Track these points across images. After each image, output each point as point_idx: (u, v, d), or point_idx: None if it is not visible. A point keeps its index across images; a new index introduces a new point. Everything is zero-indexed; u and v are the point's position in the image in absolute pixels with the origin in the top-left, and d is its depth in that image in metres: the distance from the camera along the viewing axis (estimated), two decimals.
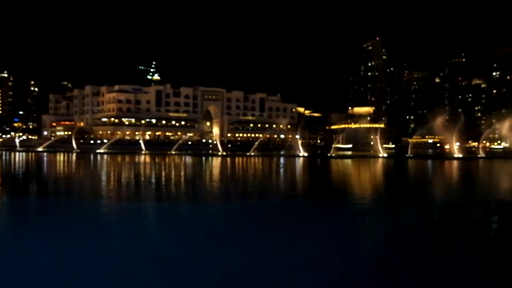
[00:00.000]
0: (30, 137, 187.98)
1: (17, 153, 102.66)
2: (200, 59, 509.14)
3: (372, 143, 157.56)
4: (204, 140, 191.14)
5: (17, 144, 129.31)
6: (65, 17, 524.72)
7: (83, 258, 13.81)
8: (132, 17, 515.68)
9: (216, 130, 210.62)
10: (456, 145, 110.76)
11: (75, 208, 24.72)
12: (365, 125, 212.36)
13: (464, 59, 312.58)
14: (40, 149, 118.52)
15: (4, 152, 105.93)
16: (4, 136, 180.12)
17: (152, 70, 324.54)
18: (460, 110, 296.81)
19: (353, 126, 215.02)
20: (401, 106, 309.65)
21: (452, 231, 19.31)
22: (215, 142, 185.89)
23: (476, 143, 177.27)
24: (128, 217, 21.90)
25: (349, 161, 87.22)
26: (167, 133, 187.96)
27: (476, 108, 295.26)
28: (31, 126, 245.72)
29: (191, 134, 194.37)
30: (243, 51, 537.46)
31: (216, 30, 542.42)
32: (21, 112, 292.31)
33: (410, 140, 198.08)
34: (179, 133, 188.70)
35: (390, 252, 15.54)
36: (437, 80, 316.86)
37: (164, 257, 14.15)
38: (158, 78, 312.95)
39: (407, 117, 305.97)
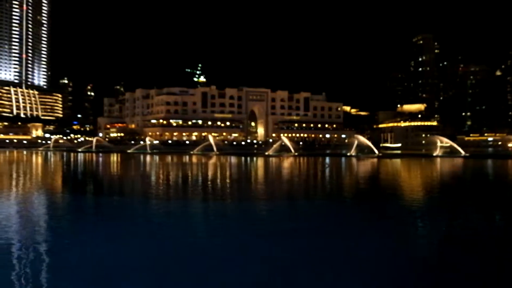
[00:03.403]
0: (87, 138, 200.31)
1: (78, 154, 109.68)
2: (244, 60, 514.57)
3: (423, 141, 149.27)
4: (249, 140, 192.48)
5: (77, 146, 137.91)
6: (117, 27, 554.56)
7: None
8: (178, 22, 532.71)
9: (261, 130, 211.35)
10: None
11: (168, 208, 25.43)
12: (415, 123, 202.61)
13: None
14: (93, 149, 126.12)
15: (65, 153, 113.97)
16: (64, 137, 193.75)
17: (198, 72, 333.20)
18: None
19: (402, 124, 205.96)
20: (456, 102, 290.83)
21: None
22: (260, 142, 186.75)
23: None
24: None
25: (398, 160, 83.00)
26: (213, 134, 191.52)
27: None
28: (87, 128, 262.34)
29: (236, 135, 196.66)
30: (287, 51, 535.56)
31: (260, 30, 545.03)
32: (79, 115, 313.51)
33: (466, 138, 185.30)
34: (224, 134, 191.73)
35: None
36: (498, 73, 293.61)
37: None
38: (204, 80, 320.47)
39: (463, 113, 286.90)
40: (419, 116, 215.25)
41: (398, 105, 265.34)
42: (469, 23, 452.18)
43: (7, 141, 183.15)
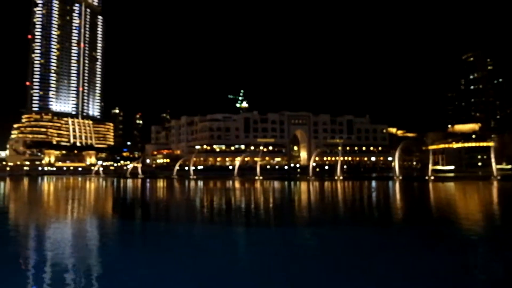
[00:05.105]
0: (135, 165, 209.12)
1: (127, 180, 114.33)
2: (286, 84, 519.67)
3: (479, 163, 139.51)
4: (292, 165, 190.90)
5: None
6: (162, 59, 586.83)
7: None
8: (220, 51, 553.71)
9: (303, 154, 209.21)
10: None
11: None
12: (469, 144, 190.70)
13: None
14: (140, 175, 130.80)
15: (115, 179, 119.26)
16: (115, 164, 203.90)
17: (240, 98, 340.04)
18: None
19: (454, 145, 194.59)
20: None
21: None
22: (303, 166, 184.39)
23: None
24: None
25: (451, 184, 77.44)
26: (255, 159, 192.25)
27: None
28: (136, 155, 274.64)
29: (279, 159, 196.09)
30: (328, 74, 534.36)
31: (301, 54, 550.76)
32: (128, 143, 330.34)
33: None
34: (267, 158, 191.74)
35: None
36: None
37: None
38: (246, 105, 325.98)
39: None
40: (473, 136, 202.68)
41: (449, 126, 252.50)
42: None
43: (65, 168, 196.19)
